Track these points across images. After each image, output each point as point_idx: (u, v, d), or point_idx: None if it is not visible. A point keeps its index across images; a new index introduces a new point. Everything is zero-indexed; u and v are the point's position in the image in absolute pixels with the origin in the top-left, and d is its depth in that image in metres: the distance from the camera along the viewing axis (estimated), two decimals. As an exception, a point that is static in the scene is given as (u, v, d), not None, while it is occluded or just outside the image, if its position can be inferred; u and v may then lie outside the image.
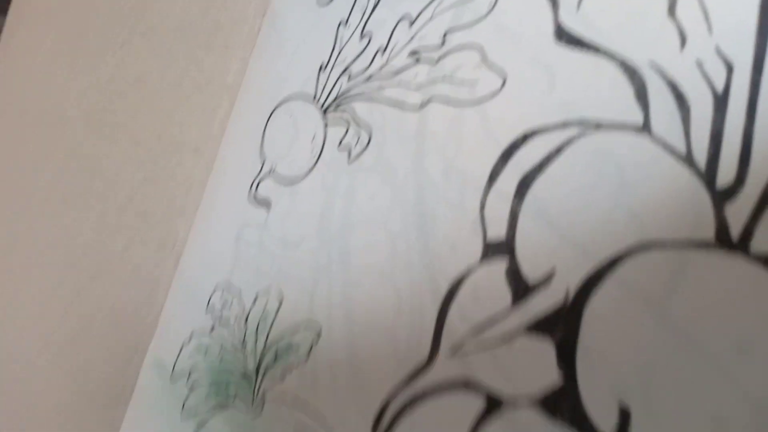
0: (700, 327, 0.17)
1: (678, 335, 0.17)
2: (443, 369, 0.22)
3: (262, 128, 0.30)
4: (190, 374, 0.30)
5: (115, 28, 0.38)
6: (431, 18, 0.25)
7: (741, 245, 0.17)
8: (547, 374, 0.20)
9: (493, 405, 0.21)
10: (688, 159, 0.18)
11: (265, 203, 0.29)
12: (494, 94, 0.22)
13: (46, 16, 0.44)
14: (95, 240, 0.36)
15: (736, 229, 0.17)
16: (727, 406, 0.16)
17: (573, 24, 0.21)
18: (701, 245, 0.17)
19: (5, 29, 0.48)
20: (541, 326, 0.20)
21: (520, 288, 0.21)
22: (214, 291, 0.30)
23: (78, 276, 0.37)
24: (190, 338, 0.31)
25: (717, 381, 0.16)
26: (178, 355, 0.31)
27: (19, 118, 0.42)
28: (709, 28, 0.18)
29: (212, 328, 0.30)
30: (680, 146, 0.18)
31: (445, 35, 0.24)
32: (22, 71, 0.43)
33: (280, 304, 0.27)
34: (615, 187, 0.19)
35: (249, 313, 0.29)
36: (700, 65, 0.18)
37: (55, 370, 0.36)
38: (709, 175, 0.18)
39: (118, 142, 0.36)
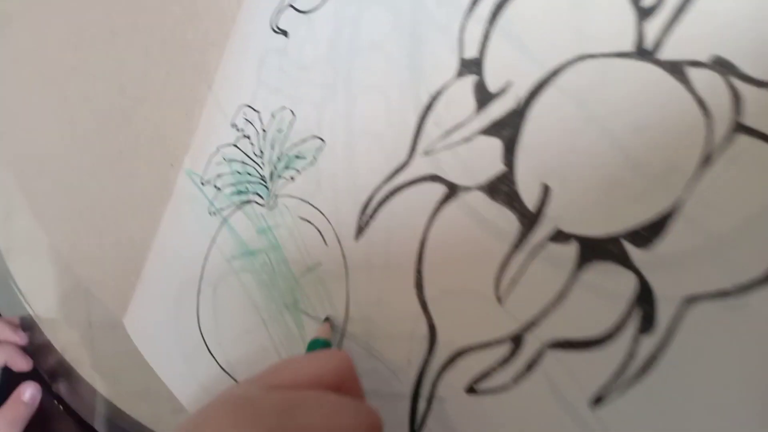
0: (611, 117, 0.22)
1: (594, 125, 0.22)
2: (417, 166, 0.28)
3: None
4: (216, 180, 0.37)
5: None
6: None
7: (652, 54, 0.21)
8: (494, 166, 0.25)
9: (451, 191, 0.26)
10: None
11: (285, 31, 0.34)
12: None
13: None
14: (141, 69, 0.42)
15: (650, 41, 0.21)
16: (619, 175, 0.21)
17: None
18: (622, 55, 0.22)
19: None
20: (495, 128, 0.25)
21: (484, 98, 0.26)
22: (238, 111, 0.36)
23: (126, 101, 0.43)
24: (218, 151, 0.37)
25: (615, 155, 0.21)
26: (207, 164, 0.38)
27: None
28: None
29: (236, 142, 0.36)
30: None
31: None
32: None
33: (293, 120, 0.33)
34: (568, 8, 0.23)
35: (267, 128, 0.34)
36: None
37: (108, 179, 0.44)
38: None
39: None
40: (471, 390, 0.25)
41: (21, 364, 0.50)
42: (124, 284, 0.43)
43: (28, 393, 0.49)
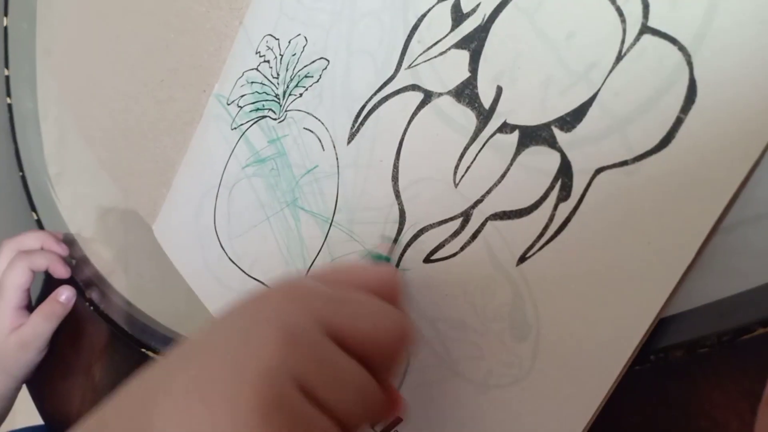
0: (552, 27, 0.27)
1: (539, 35, 0.27)
2: (401, 79, 0.33)
3: None
4: (239, 100, 0.43)
5: None
6: None
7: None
8: (461, 74, 0.30)
9: (426, 97, 0.32)
10: None
11: (305, -30, 0.39)
12: None
13: None
14: (184, 5, 0.48)
15: (588, -38, 0.26)
16: (554, 74, 0.26)
17: None
18: (565, -26, 0.26)
19: None
20: (464, 42, 0.30)
21: (458, 17, 0.31)
22: (263, 40, 0.42)
23: (170, 33, 0.49)
24: (242, 75, 0.43)
25: (552, 58, 0.26)
26: (233, 87, 0.44)
27: None
28: None
29: (257, 66, 0.42)
30: None
31: None
32: None
33: (305, 44, 0.39)
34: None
35: (284, 53, 0.40)
36: None
37: (149, 104, 0.50)
38: None
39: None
40: (428, 260, 0.30)
41: (61, 271, 0.57)
42: (156, 195, 0.49)
43: (65, 295, 0.57)
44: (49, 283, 0.64)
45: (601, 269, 0.23)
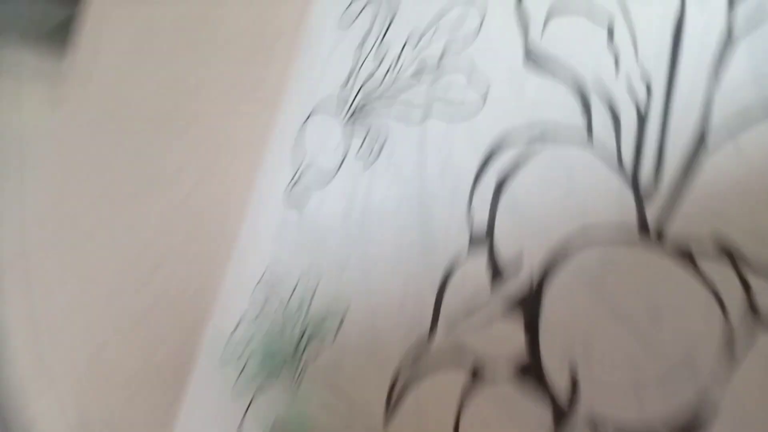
0: (625, 303, 0.22)
1: (608, 310, 0.22)
2: (439, 349, 0.28)
3: (296, 137, 0.36)
4: (238, 359, 0.37)
5: (177, 44, 0.45)
6: (429, 44, 0.30)
7: (656, 239, 0.21)
8: (518, 351, 0.25)
9: (477, 377, 0.26)
10: (619, 167, 0.22)
11: (299, 203, 0.35)
12: (477, 112, 0.27)
13: (118, 32, 0.51)
14: (160, 232, 0.44)
15: (653, 226, 0.21)
16: (643, 360, 0.21)
17: (538, 49, 0.25)
18: (628, 240, 0.22)
19: (82, 39, 0.56)
20: (514, 310, 0.25)
21: (497, 274, 0.26)
22: (259, 281, 0.37)
23: (145, 264, 0.44)
24: (238, 325, 0.38)
25: (634, 344, 0.21)
26: (228, 340, 0.38)
27: (93, 122, 0.50)
28: (636, 57, 0.22)
29: (257, 316, 0.37)
30: (613, 157, 0.23)
31: (440, 59, 0.29)
32: (96, 82, 0.51)
33: (313, 292, 0.34)
34: (565, 189, 0.24)
35: (288, 302, 0.35)
36: (629, 87, 0.22)
37: (131, 346, 0.45)
38: (634, 180, 0.22)
39: (179, 143, 0.43)
40: None
41: None
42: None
43: None
44: None
45: None
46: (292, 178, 0.36)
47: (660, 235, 0.21)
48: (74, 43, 0.51)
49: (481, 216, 0.27)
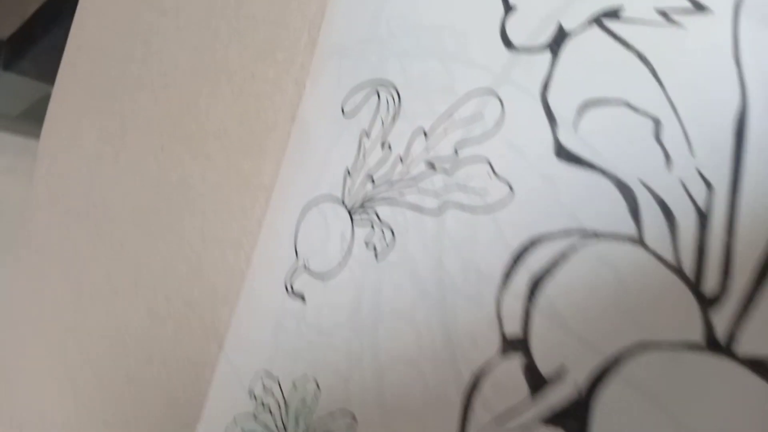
0: (694, 420, 0.19)
1: (671, 422, 0.20)
2: None
3: (296, 226, 0.34)
4: (235, 457, 0.33)
5: (156, 134, 0.43)
6: (445, 133, 0.28)
7: (726, 348, 0.19)
8: None
9: None
10: (678, 268, 0.21)
11: (301, 296, 0.32)
12: (504, 203, 0.25)
13: (86, 117, 0.49)
14: (145, 329, 0.39)
15: (722, 333, 0.19)
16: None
17: (571, 143, 0.24)
18: (692, 347, 0.20)
19: (46, 127, 0.53)
20: (557, 419, 0.23)
21: (536, 382, 0.23)
22: (255, 377, 0.33)
23: (129, 362, 0.40)
24: (235, 423, 0.34)
25: None
26: (223, 438, 0.34)
27: (68, 218, 0.46)
28: (691, 151, 0.21)
29: (255, 416, 0.33)
30: (670, 257, 0.21)
31: (456, 149, 0.27)
32: (68, 174, 0.48)
33: (317, 392, 0.30)
34: (613, 291, 0.22)
35: (288, 401, 0.31)
36: (683, 184, 0.21)
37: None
38: (696, 284, 0.20)
39: (163, 239, 0.40)
40: None
41: None
42: None
43: None
44: None
45: None
46: (293, 269, 0.33)
47: (730, 343, 0.19)
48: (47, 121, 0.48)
49: (514, 319, 0.24)
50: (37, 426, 0.47)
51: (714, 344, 0.19)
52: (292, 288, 0.33)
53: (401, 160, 0.30)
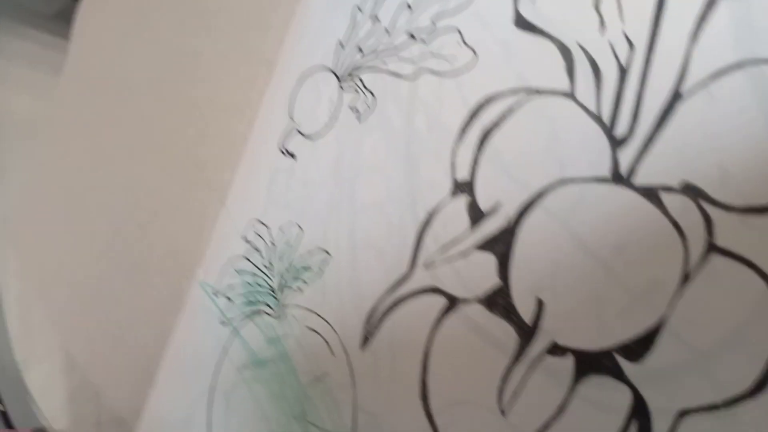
0: (592, 237, 0.24)
1: (576, 244, 0.24)
2: (418, 279, 0.30)
3: (292, 94, 0.38)
4: (229, 289, 0.39)
5: (174, 11, 0.47)
6: (426, 7, 0.32)
7: (627, 180, 0.23)
8: (490, 280, 0.27)
9: (451, 303, 0.28)
10: (598, 117, 0.25)
11: (292, 155, 0.37)
12: (468, 68, 0.29)
13: (116, 4, 0.52)
14: (156, 185, 0.45)
15: (625, 168, 0.24)
16: (606, 292, 0.23)
17: (528, 13, 0.28)
18: (600, 180, 0.24)
19: (80, 13, 0.57)
20: (488, 245, 0.27)
21: (476, 216, 0.28)
22: (248, 226, 0.38)
23: (141, 214, 0.45)
24: (229, 263, 0.39)
25: (600, 274, 0.23)
26: (220, 276, 0.39)
27: (92, 87, 0.51)
28: (621, 17, 0.25)
29: (247, 254, 0.38)
30: (593, 107, 0.25)
31: (433, 21, 0.31)
32: (96, 48, 0.52)
33: (300, 235, 0.35)
34: (546, 138, 0.26)
35: (276, 241, 0.36)
36: (611, 45, 0.25)
37: (124, 290, 0.46)
38: (610, 128, 0.24)
39: (176, 106, 0.44)
40: (480, 505, 0.25)
41: None
42: (137, 394, 0.44)
43: None
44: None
45: None
46: (288, 131, 0.37)
47: (630, 176, 0.23)
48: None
49: (464, 166, 0.29)
50: (60, 274, 0.54)
51: (618, 177, 0.23)
52: (285, 149, 0.37)
53: (387, 31, 0.33)
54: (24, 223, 0.59)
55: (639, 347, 0.21)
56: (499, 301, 0.26)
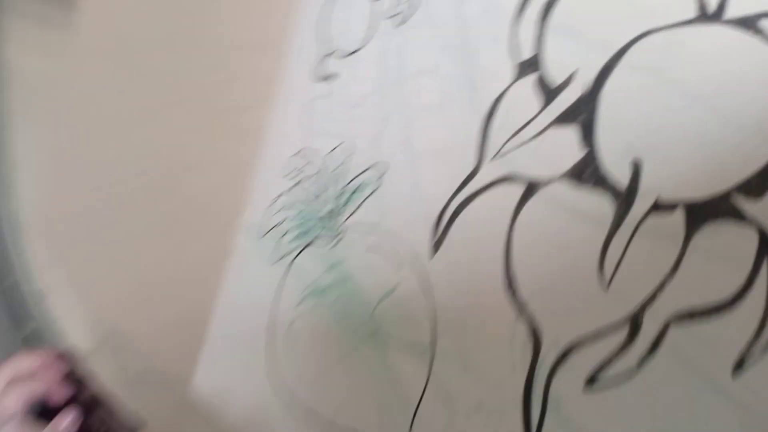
0: (690, 81, 0.22)
1: (674, 92, 0.22)
2: (487, 172, 0.28)
3: (320, 19, 0.36)
4: (277, 227, 0.37)
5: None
6: None
7: (717, 16, 0.22)
8: (573, 153, 0.25)
9: (530, 188, 0.26)
10: None
11: (330, 77, 0.35)
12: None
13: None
14: (188, 137, 0.43)
15: (712, 5, 0.22)
16: (714, 134, 0.21)
17: None
18: (687, 23, 0.22)
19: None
20: (567, 116, 0.25)
21: (548, 92, 0.26)
22: (293, 156, 0.36)
23: (177, 170, 0.44)
24: (276, 199, 0.37)
25: (704, 115, 0.21)
26: (265, 217, 0.38)
27: (107, 41, 0.49)
28: None
29: (294, 187, 0.36)
30: None
31: None
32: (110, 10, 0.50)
33: (351, 154, 0.33)
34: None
35: (325, 167, 0.35)
36: None
37: (166, 252, 0.44)
38: None
39: (199, 51, 0.42)
40: (590, 384, 0.23)
41: (60, 394, 0.50)
42: (187, 353, 0.42)
43: (66, 422, 0.49)
44: (48, 404, 0.54)
45: None
46: (322, 55, 0.35)
47: (720, 12, 0.21)
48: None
49: (527, 44, 0.27)
50: (85, 242, 0.52)
51: (705, 16, 0.22)
52: (322, 73, 0.36)
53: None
54: (46, 190, 0.57)
55: (761, 180, 0.20)
56: (587, 173, 0.24)
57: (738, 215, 0.20)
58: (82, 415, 0.48)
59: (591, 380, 0.23)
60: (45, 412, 0.51)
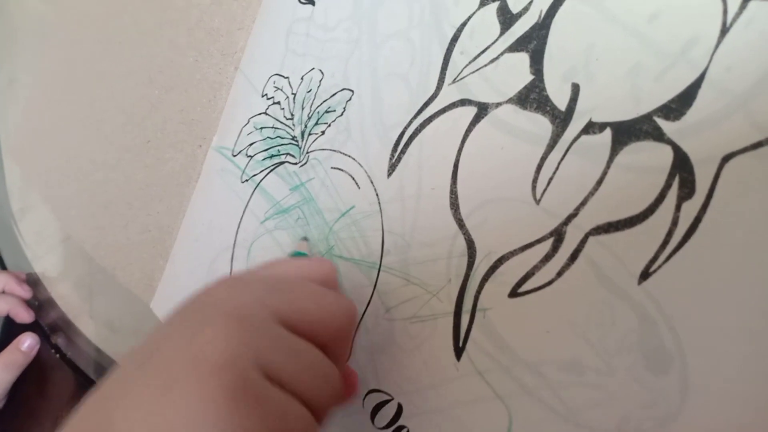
0: (627, 13, 0.23)
1: (612, 23, 0.24)
2: (446, 96, 0.29)
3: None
4: (248, 149, 0.38)
5: None
6: None
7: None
8: (522, 78, 0.27)
9: (481, 110, 0.28)
10: None
11: (312, 1, 0.36)
12: None
13: None
14: (169, 59, 0.44)
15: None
16: (643, 60, 0.23)
17: None
18: (638, -48, 0.24)
19: None
20: (520, 44, 0.27)
21: (508, 20, 0.27)
22: (268, 83, 0.38)
23: (154, 91, 0.45)
24: (248, 122, 0.39)
25: (635, 44, 0.23)
26: (238, 137, 0.39)
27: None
28: None
29: (266, 110, 0.38)
30: None
31: None
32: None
33: (321, 79, 0.35)
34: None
35: (296, 91, 0.36)
36: None
37: (136, 164, 0.45)
38: None
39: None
40: (514, 294, 0.25)
41: (23, 315, 0.52)
42: (152, 268, 0.43)
43: (27, 342, 0.51)
44: (10, 327, 0.56)
45: (752, 271, 0.19)
46: (304, -23, 0.36)
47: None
48: None
49: (494, -26, 0.28)
50: (62, 158, 0.53)
51: (655, -52, 0.23)
52: (302, -1, 0.37)
53: None
54: (33, 110, 0.58)
55: (679, 104, 0.21)
56: (531, 96, 0.25)
57: (657, 135, 0.22)
58: (41, 338, 0.50)
59: (515, 289, 0.25)
60: (7, 333, 0.52)
